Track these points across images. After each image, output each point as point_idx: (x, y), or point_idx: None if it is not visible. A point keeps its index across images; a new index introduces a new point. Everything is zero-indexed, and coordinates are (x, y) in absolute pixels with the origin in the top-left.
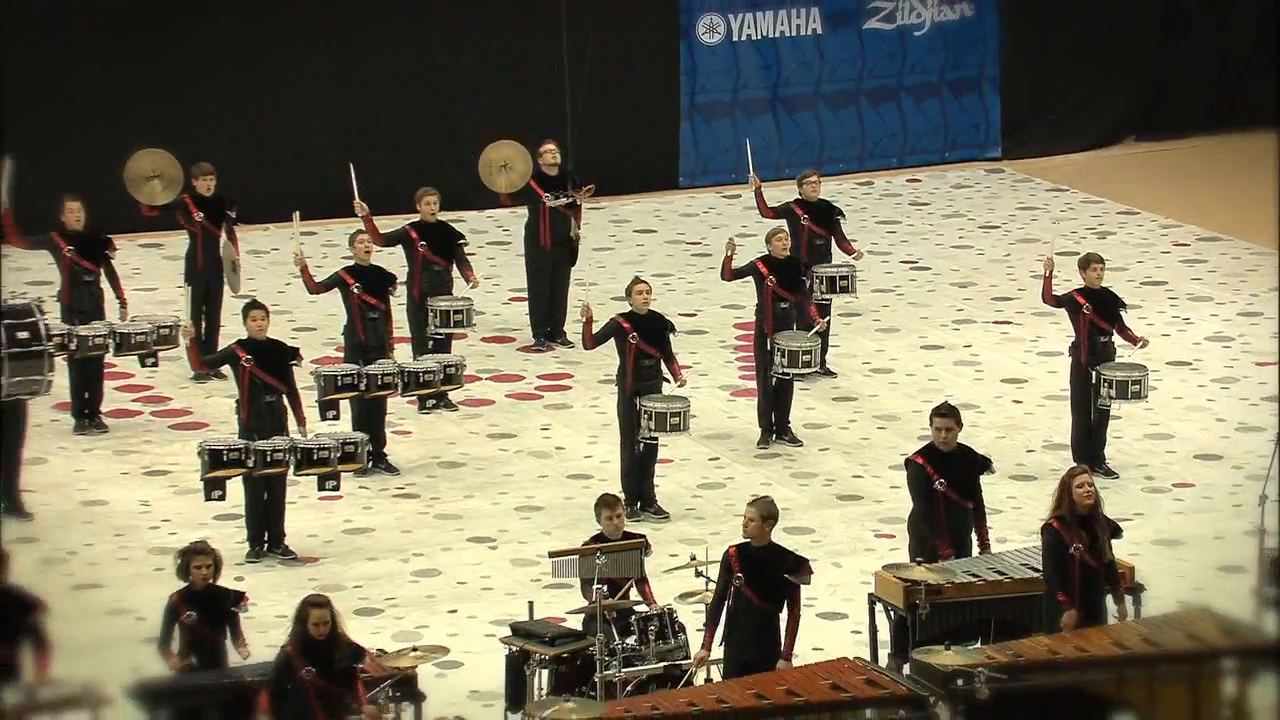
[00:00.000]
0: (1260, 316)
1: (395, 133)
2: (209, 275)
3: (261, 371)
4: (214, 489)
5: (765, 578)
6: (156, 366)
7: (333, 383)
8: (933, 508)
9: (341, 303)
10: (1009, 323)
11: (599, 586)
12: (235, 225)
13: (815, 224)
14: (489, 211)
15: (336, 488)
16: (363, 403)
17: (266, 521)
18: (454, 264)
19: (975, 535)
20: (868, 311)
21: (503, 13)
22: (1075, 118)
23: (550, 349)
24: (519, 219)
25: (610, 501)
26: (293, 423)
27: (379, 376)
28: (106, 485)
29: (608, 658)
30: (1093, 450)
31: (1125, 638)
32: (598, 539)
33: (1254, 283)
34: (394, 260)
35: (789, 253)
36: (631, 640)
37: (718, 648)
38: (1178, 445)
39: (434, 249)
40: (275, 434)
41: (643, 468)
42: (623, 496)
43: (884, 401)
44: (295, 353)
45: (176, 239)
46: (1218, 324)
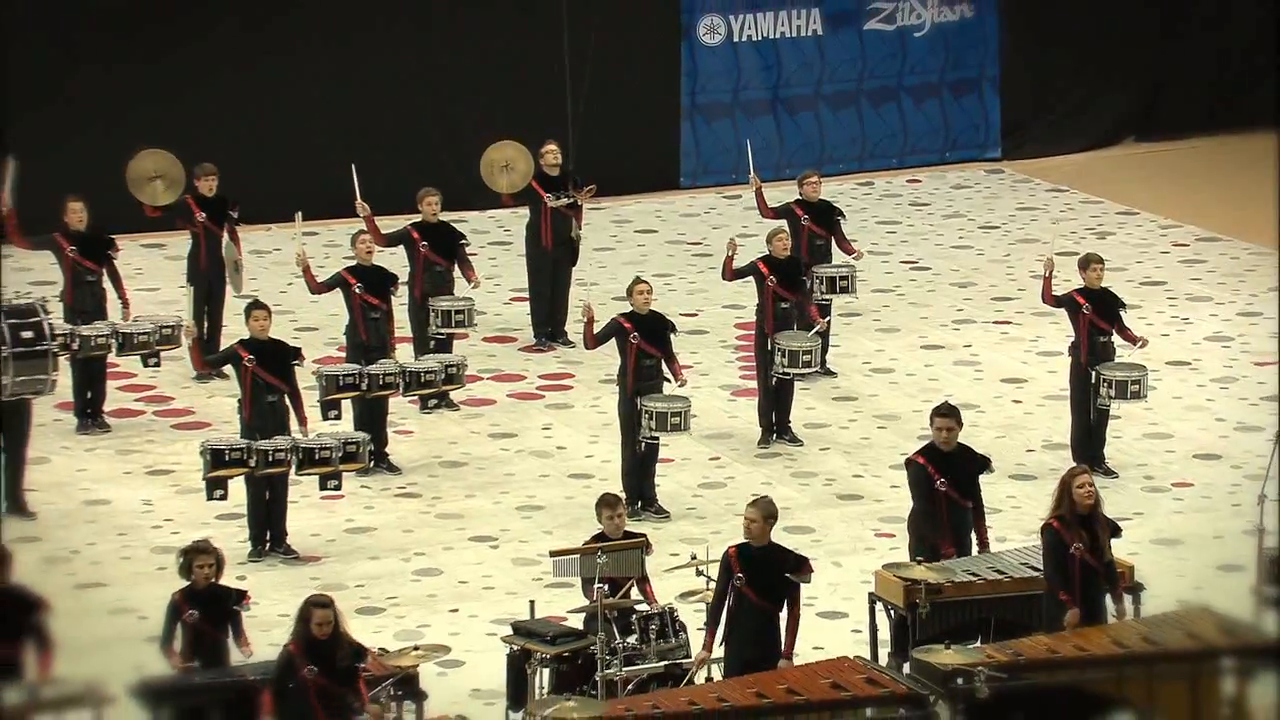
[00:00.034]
0: (1259, 316)
1: (396, 133)
2: (211, 275)
3: (263, 371)
4: (216, 488)
5: (766, 577)
6: (159, 366)
7: (334, 382)
8: (935, 507)
9: (343, 303)
10: (1009, 323)
11: (600, 586)
12: (237, 225)
13: (815, 224)
14: (490, 212)
15: (338, 487)
16: (364, 402)
17: (268, 521)
18: (455, 264)
19: (974, 534)
20: (868, 311)
21: (504, 13)
22: (1075, 118)
23: (551, 349)
24: (520, 219)
25: (611, 501)
26: (294, 422)
27: (380, 376)
28: (109, 484)
29: (609, 657)
30: (1092, 450)
31: (1125, 637)
32: (599, 538)
33: (1253, 283)
34: (396, 260)
35: (789, 253)
36: (632, 639)
37: (718, 647)
38: (1177, 445)
39: (435, 249)
40: (277, 434)
41: (644, 467)
42: (624, 496)
43: (884, 401)
44: (297, 353)
45: (179, 239)
46: (1217, 324)
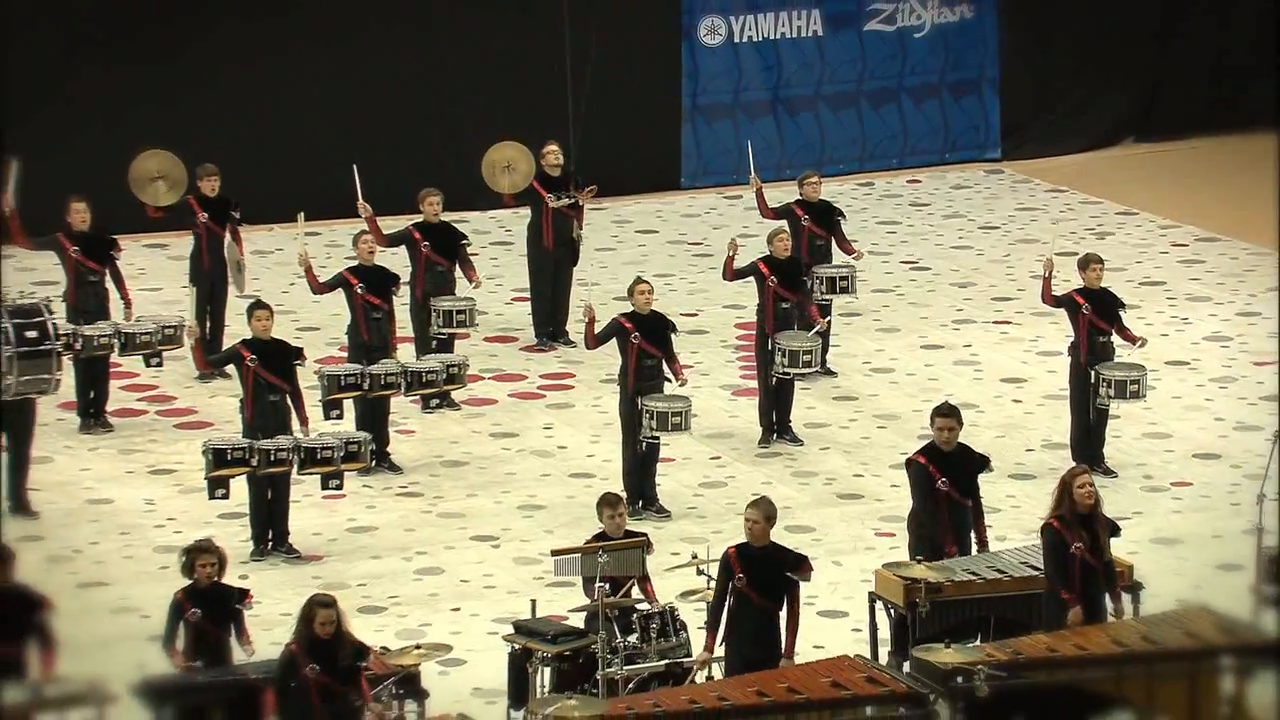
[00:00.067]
0: (1258, 316)
1: (398, 133)
2: (214, 275)
3: (265, 371)
4: (217, 488)
5: (767, 577)
6: (161, 366)
7: (336, 382)
8: (937, 507)
9: (345, 303)
10: (1008, 323)
11: (601, 585)
12: (239, 226)
13: (816, 225)
14: (491, 212)
15: (340, 486)
16: (366, 402)
17: (270, 520)
18: (457, 264)
19: (973, 533)
20: (868, 311)
21: (505, 14)
22: (1074, 119)
23: (552, 349)
24: (521, 219)
25: (612, 500)
26: (296, 422)
27: (382, 376)
28: (112, 484)
29: (610, 655)
30: (1091, 449)
31: (1124, 636)
32: (600, 537)
33: (1252, 283)
34: (397, 260)
35: (790, 253)
36: (633, 638)
37: (718, 647)
38: (1176, 444)
39: (437, 249)
40: (279, 433)
41: (645, 467)
42: (625, 495)
43: (884, 401)
44: (299, 352)
45: (181, 239)
46: (1216, 324)
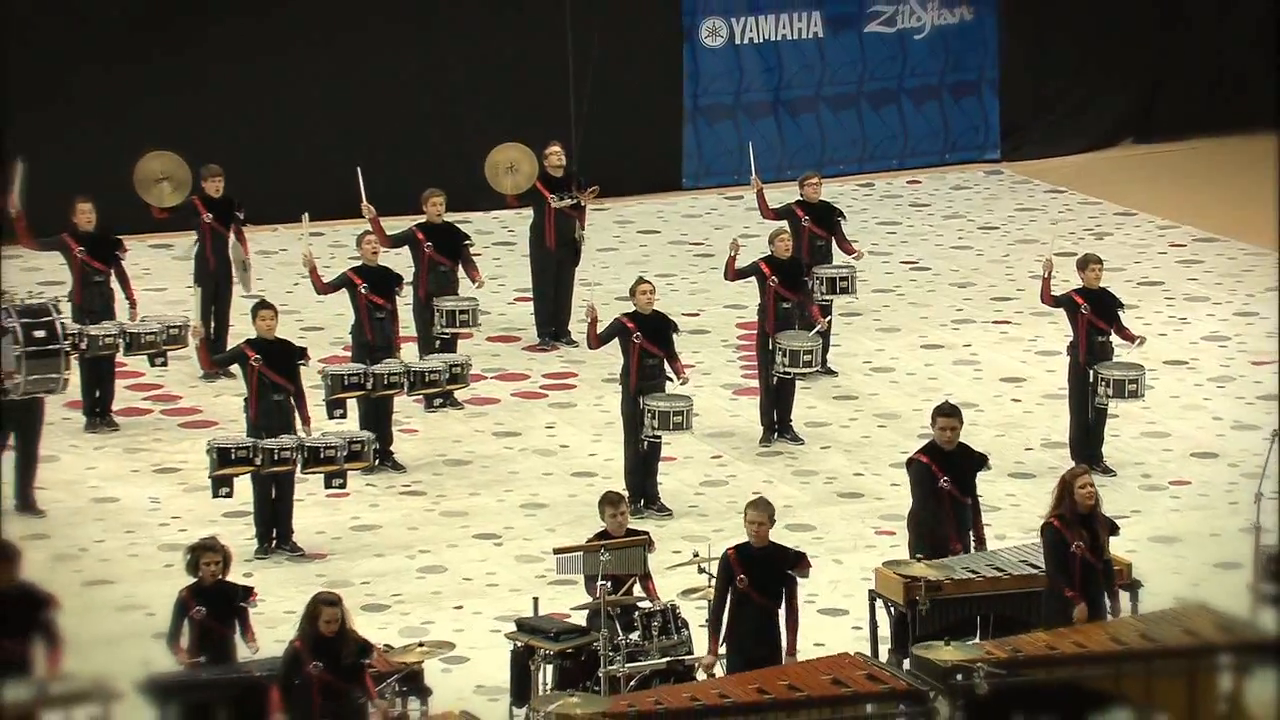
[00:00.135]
0: (1256, 316)
1: (401, 134)
2: (218, 275)
3: (269, 370)
4: (221, 486)
5: (768, 577)
6: (166, 366)
7: (339, 382)
8: (940, 505)
9: (349, 303)
10: (1008, 322)
11: (603, 583)
12: (244, 226)
13: (816, 225)
14: (494, 212)
15: (343, 485)
16: (369, 401)
17: (274, 518)
18: (459, 264)
19: (972, 532)
20: (868, 311)
21: (506, 15)
22: (1074, 120)
23: (555, 348)
24: (524, 220)
25: (614, 499)
26: (299, 421)
27: (385, 376)
28: (117, 482)
29: (612, 653)
30: (1090, 448)
31: (1123, 634)
32: (602, 536)
33: (1250, 283)
34: (400, 261)
35: (791, 254)
36: (635, 636)
37: (720, 647)
38: (1174, 443)
39: (440, 249)
40: (283, 432)
41: (646, 465)
42: (626, 494)
43: (884, 400)
44: (303, 352)
45: (186, 240)
46: (1214, 324)
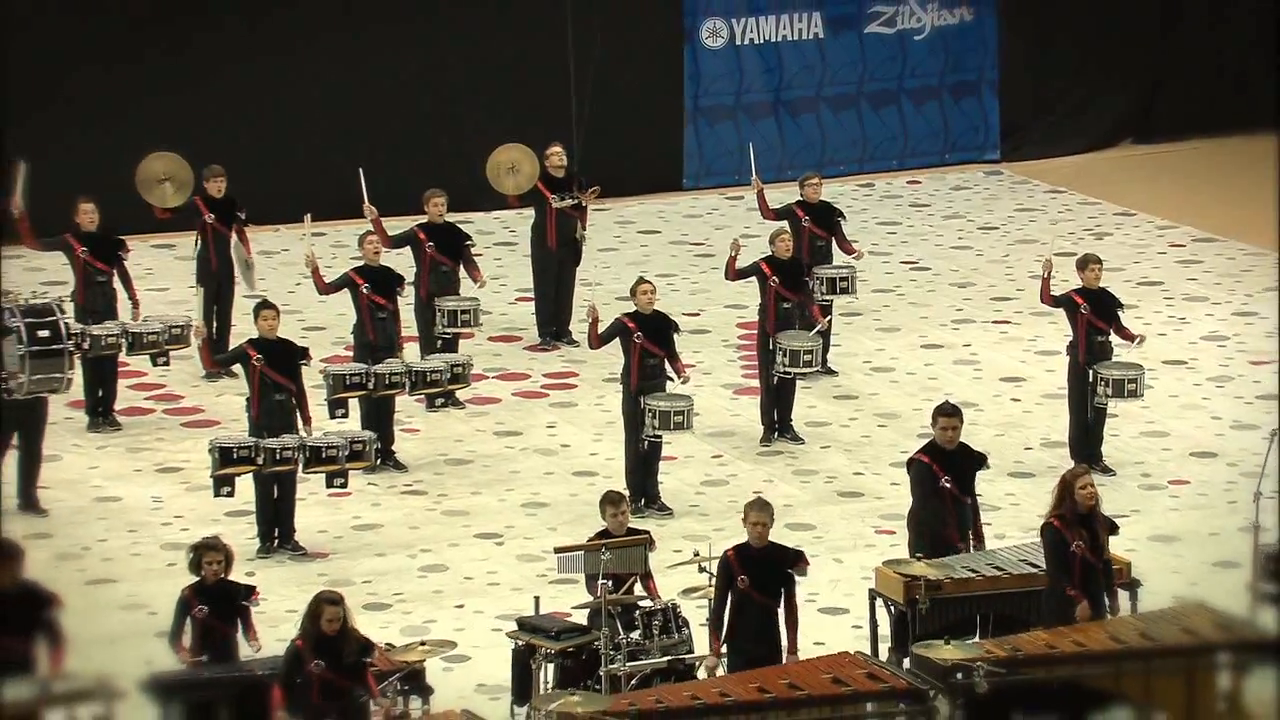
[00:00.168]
0: (1255, 316)
1: (401, 134)
2: (221, 275)
3: (271, 370)
4: (223, 485)
5: (768, 576)
6: (168, 365)
7: (341, 381)
8: (942, 504)
9: (351, 303)
10: (1008, 322)
11: (604, 582)
12: (245, 226)
13: (816, 225)
14: (495, 212)
15: (344, 485)
16: (371, 401)
17: (276, 517)
18: (461, 264)
19: (971, 531)
20: (868, 311)
21: (507, 15)
22: (1073, 120)
23: (556, 348)
24: (525, 220)
25: (615, 498)
26: (301, 421)
27: (387, 376)
28: (120, 482)
29: (612, 652)
30: (1090, 448)
31: (1122, 632)
32: (603, 535)
33: (1249, 283)
34: (402, 261)
35: (792, 254)
36: (636, 635)
37: (721, 646)
38: (1173, 443)
39: (441, 250)
40: (284, 432)
41: (647, 465)
42: (627, 493)
43: (884, 400)
44: (305, 352)
45: (188, 240)
46: (1213, 324)
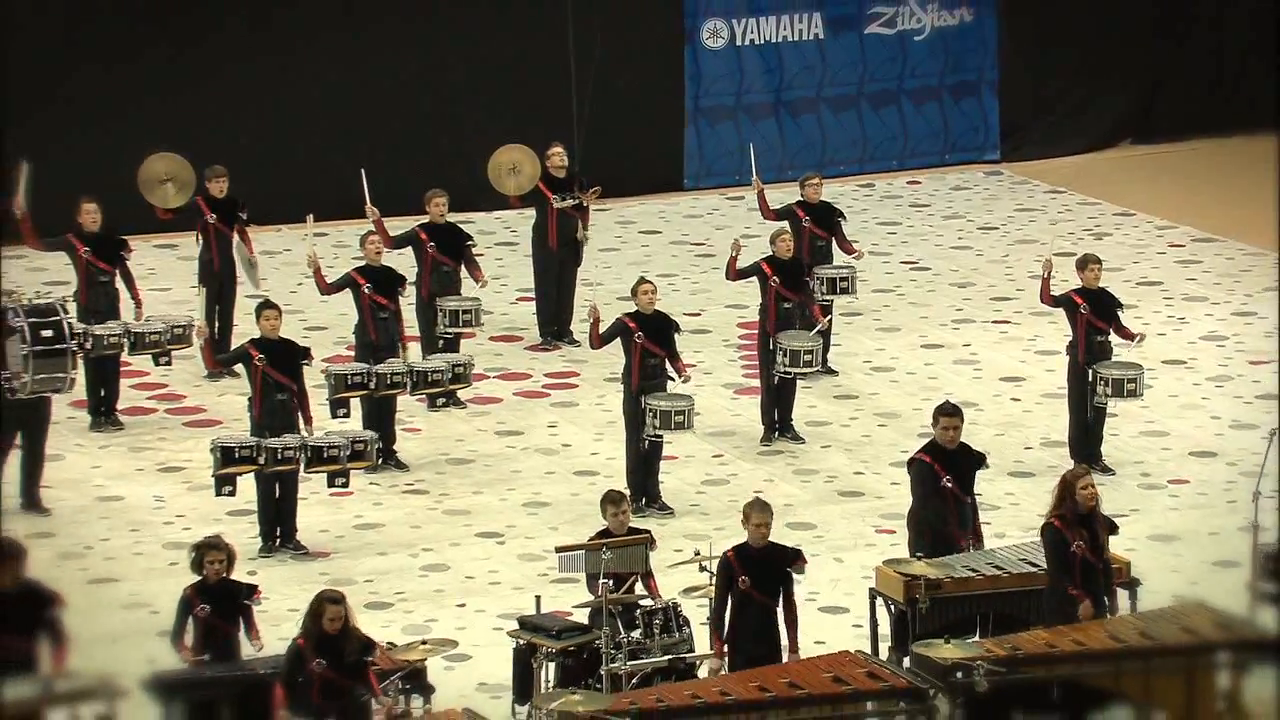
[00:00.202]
0: (1254, 316)
1: (402, 135)
2: (223, 275)
3: (273, 370)
4: (224, 485)
5: (768, 576)
6: (170, 365)
7: (343, 381)
8: (944, 503)
9: (352, 303)
10: (1007, 322)
11: (605, 581)
12: (247, 226)
13: (816, 225)
14: (496, 213)
15: (346, 484)
16: (372, 401)
17: (278, 517)
18: (462, 264)
19: (970, 530)
20: (869, 311)
21: (508, 16)
22: (1073, 120)
23: (557, 348)
24: (526, 220)
25: (616, 498)
26: (302, 420)
27: (388, 375)
28: (122, 481)
29: (614, 651)
30: (1089, 447)
31: (1122, 632)
32: (603, 534)
33: (1248, 283)
34: (404, 261)
35: (792, 254)
36: (637, 634)
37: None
38: (1173, 442)
39: (442, 250)
40: (286, 431)
41: (648, 464)
42: (628, 493)
43: (885, 399)
44: (306, 352)
45: (191, 240)
46: (1212, 323)
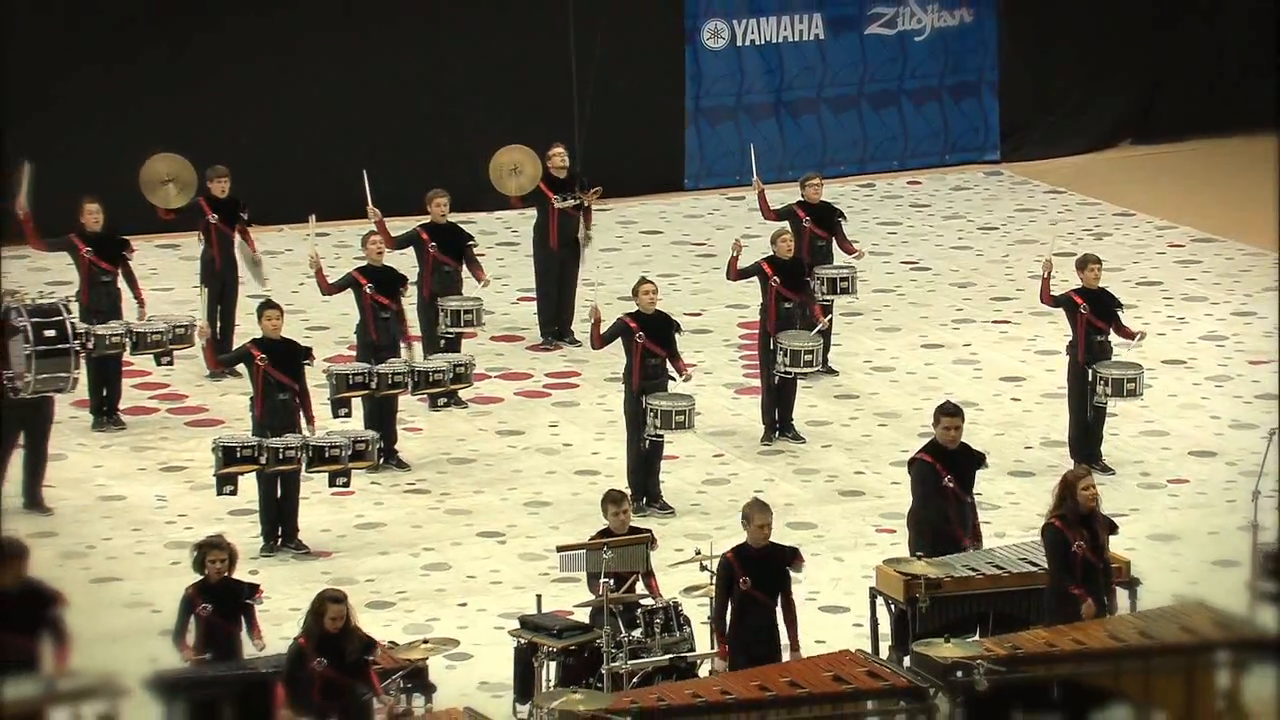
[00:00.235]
0: (1253, 316)
1: (402, 135)
2: (225, 275)
3: (275, 370)
4: (226, 484)
5: (768, 576)
6: (172, 365)
7: (344, 381)
8: (945, 503)
9: (354, 302)
10: (1008, 322)
11: (606, 580)
12: (248, 226)
13: (817, 226)
14: (498, 213)
15: (347, 484)
16: (374, 400)
17: (280, 516)
18: (464, 264)
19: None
20: (869, 311)
21: (509, 16)
22: (1073, 120)
23: (558, 347)
24: (527, 220)
25: (616, 497)
26: (304, 420)
27: (389, 375)
28: (124, 481)
29: (614, 650)
30: (1089, 447)
31: (1121, 631)
32: (604, 534)
33: (1247, 283)
34: (405, 261)
35: (793, 254)
36: (637, 633)
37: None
38: (1173, 442)
39: (444, 250)
40: (288, 431)
41: (648, 464)
42: (629, 492)
43: (885, 399)
44: (308, 352)
45: (193, 240)
46: (1212, 323)
